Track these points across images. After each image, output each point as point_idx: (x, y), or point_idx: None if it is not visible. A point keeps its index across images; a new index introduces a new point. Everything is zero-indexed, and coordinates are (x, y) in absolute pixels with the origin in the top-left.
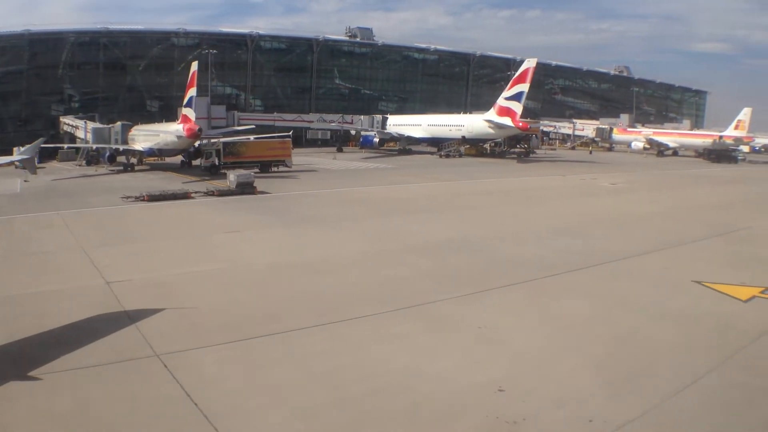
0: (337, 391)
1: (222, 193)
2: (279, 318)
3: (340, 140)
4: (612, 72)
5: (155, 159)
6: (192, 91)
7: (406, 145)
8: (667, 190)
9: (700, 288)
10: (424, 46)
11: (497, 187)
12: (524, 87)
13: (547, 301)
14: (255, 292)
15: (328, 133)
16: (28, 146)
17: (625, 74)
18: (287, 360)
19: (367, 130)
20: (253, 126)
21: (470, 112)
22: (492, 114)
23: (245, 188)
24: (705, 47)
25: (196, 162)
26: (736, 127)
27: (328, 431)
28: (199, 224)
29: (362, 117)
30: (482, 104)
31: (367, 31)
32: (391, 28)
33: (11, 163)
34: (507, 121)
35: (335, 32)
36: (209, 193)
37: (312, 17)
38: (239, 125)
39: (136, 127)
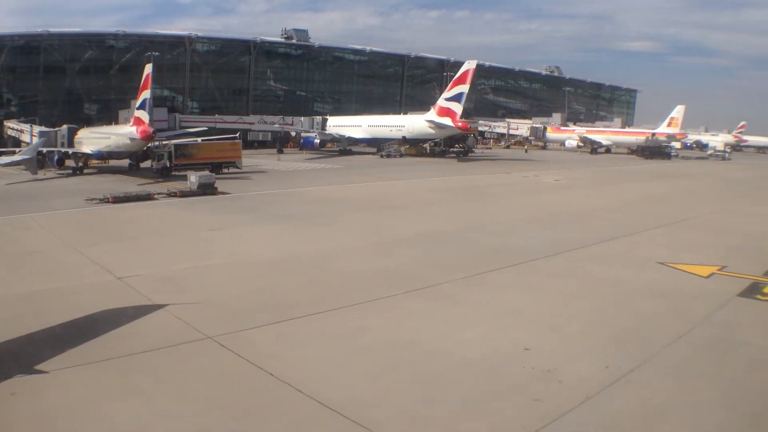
0: (388, 357)
1: (184, 194)
2: (304, 303)
3: (280, 142)
4: (544, 72)
5: (100, 162)
6: (146, 93)
7: (346, 146)
8: (609, 185)
9: (665, 268)
10: (359, 47)
11: (449, 185)
12: (464, 88)
13: (538, 280)
14: (269, 282)
15: (269, 134)
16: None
17: (556, 74)
18: (331, 336)
19: (307, 132)
20: (206, 128)
21: (406, 113)
22: (432, 114)
23: (206, 189)
24: (634, 46)
25: (145, 164)
26: (669, 125)
27: (395, 389)
28: (179, 223)
29: (302, 118)
30: (417, 105)
31: (303, 33)
32: (319, 29)
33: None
34: (447, 121)
35: (264, 33)
36: (171, 194)
37: (241, 18)
38: (180, 127)
39: (83, 130)
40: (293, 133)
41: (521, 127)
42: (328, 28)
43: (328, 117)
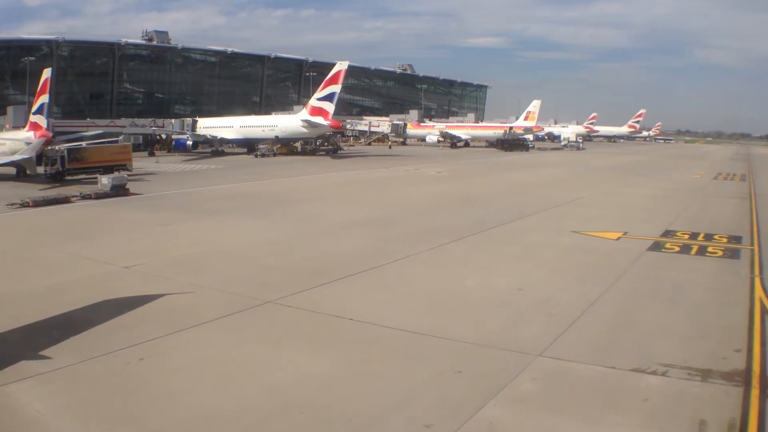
0: (426, 300)
1: (99, 196)
2: (323, 271)
3: (151, 144)
4: (398, 70)
5: None
6: (44, 98)
7: (218, 147)
8: (489, 175)
9: (580, 235)
10: (220, 48)
11: (346, 179)
12: (336, 88)
13: (489, 247)
14: (271, 261)
15: (140, 138)
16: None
17: (409, 72)
18: (371, 290)
19: (179, 133)
20: (101, 131)
21: (270, 113)
22: (305, 114)
23: (119, 190)
24: (480, 42)
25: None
26: (526, 118)
27: (448, 317)
28: (125, 221)
29: (173, 120)
30: (276, 105)
31: (163, 35)
32: (160, 29)
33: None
34: (320, 120)
35: (111, 34)
36: (86, 197)
37: (87, 20)
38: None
39: None
40: (163, 136)
41: (382, 125)
42: (173, 28)
43: (198, 118)
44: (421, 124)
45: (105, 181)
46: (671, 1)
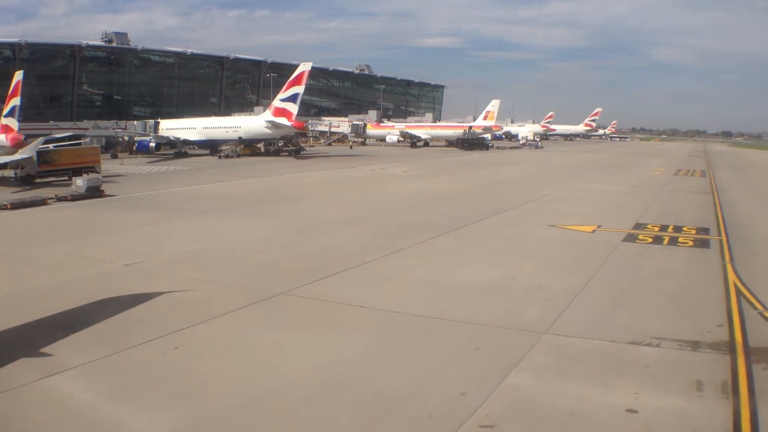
0: (430, 288)
1: (75, 198)
2: (321, 266)
3: (113, 147)
4: (356, 71)
5: None
6: (15, 101)
7: (182, 149)
8: (456, 173)
9: (557, 229)
10: (180, 50)
11: (318, 179)
12: (300, 89)
13: (474, 241)
14: (269, 257)
15: (102, 140)
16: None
17: (367, 72)
18: (372, 281)
19: (141, 135)
20: (71, 133)
21: (229, 114)
22: (269, 115)
23: (94, 192)
24: (436, 42)
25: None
26: (486, 117)
27: (456, 302)
28: (110, 221)
29: (135, 122)
30: (236, 106)
31: (123, 36)
32: (119, 30)
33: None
34: (284, 121)
35: (66, 36)
36: (61, 199)
37: (41, 22)
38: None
39: None
40: (126, 138)
41: (342, 125)
42: (127, 30)
43: (160, 120)
44: (381, 124)
45: (80, 182)
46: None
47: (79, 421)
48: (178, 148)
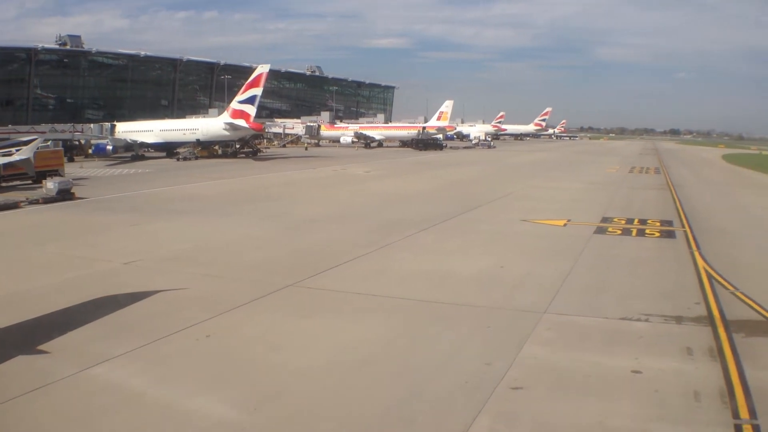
0: (424, 280)
1: (47, 200)
2: (317, 260)
3: (70, 150)
4: (307, 72)
5: None
6: None
7: (139, 151)
8: (416, 173)
9: (530, 223)
10: (133, 52)
11: (280, 180)
12: (258, 91)
13: (453, 235)
14: (263, 254)
15: (60, 143)
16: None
17: (318, 74)
18: (372, 273)
19: (98, 138)
20: (37, 137)
21: (186, 116)
22: (226, 116)
23: (65, 194)
24: (384, 43)
25: None
26: (439, 118)
27: (454, 289)
28: (92, 223)
29: (92, 125)
30: (188, 108)
31: (77, 39)
32: (68, 33)
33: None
34: (242, 122)
35: (16, 39)
36: (33, 202)
37: None
38: None
39: None
40: (82, 141)
41: (297, 127)
42: (76, 32)
43: (116, 123)
44: (335, 125)
45: (51, 185)
46: (574, 0)
47: (140, 403)
48: (135, 151)
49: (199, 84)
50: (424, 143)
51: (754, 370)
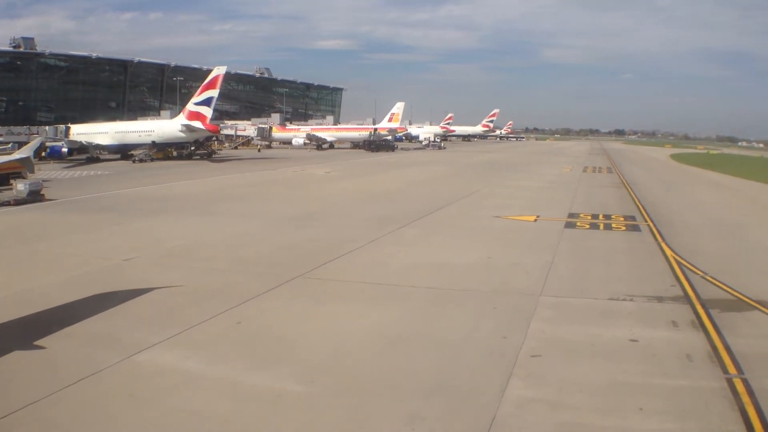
0: (420, 268)
1: (18, 202)
2: (311, 254)
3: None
4: (257, 74)
5: None
6: None
7: (94, 153)
8: (376, 173)
9: (502, 219)
10: (85, 54)
11: (243, 181)
12: (214, 92)
13: (435, 230)
14: (255, 250)
15: (16, 145)
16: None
17: (267, 76)
18: (369, 264)
19: (53, 140)
20: (37, 137)
21: (135, 119)
22: (183, 118)
23: (36, 196)
24: (329, 44)
25: None
26: (390, 120)
27: (452, 278)
28: (70, 223)
29: (46, 128)
30: (138, 110)
31: (30, 41)
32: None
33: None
34: (199, 124)
35: None
36: (5, 203)
37: None
38: None
39: None
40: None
41: (248, 129)
42: (24, 34)
43: (70, 125)
44: (287, 127)
45: (21, 187)
46: (519, 3)
47: (204, 380)
48: (90, 153)
49: (149, 86)
50: (376, 145)
51: (733, 337)
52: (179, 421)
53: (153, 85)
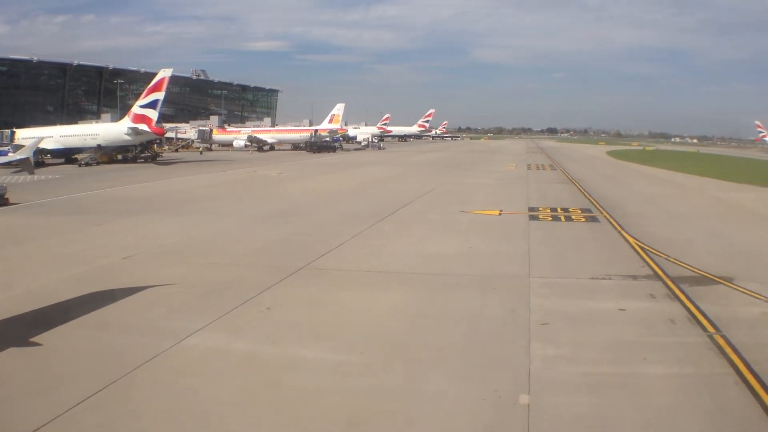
0: (413, 258)
1: None
2: (302, 249)
3: None
4: (193, 76)
5: None
6: None
7: (39, 158)
8: (328, 173)
9: (469, 213)
10: (26, 57)
11: (200, 182)
12: (160, 95)
13: (409, 225)
14: (245, 247)
15: None
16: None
17: (203, 78)
18: (364, 255)
19: None
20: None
21: (76, 122)
22: (128, 121)
23: (1, 200)
24: (262, 46)
25: None
26: (331, 121)
27: (442, 265)
28: (47, 225)
29: None
30: (77, 113)
31: None
32: None
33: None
34: (145, 127)
35: None
36: None
37: None
38: None
39: None
40: None
41: (189, 131)
42: None
43: (15, 130)
44: (228, 129)
45: None
46: (451, 3)
47: (260, 359)
48: (36, 158)
49: (86, 89)
50: (318, 146)
51: (706, 305)
52: (258, 389)
53: (91, 89)
